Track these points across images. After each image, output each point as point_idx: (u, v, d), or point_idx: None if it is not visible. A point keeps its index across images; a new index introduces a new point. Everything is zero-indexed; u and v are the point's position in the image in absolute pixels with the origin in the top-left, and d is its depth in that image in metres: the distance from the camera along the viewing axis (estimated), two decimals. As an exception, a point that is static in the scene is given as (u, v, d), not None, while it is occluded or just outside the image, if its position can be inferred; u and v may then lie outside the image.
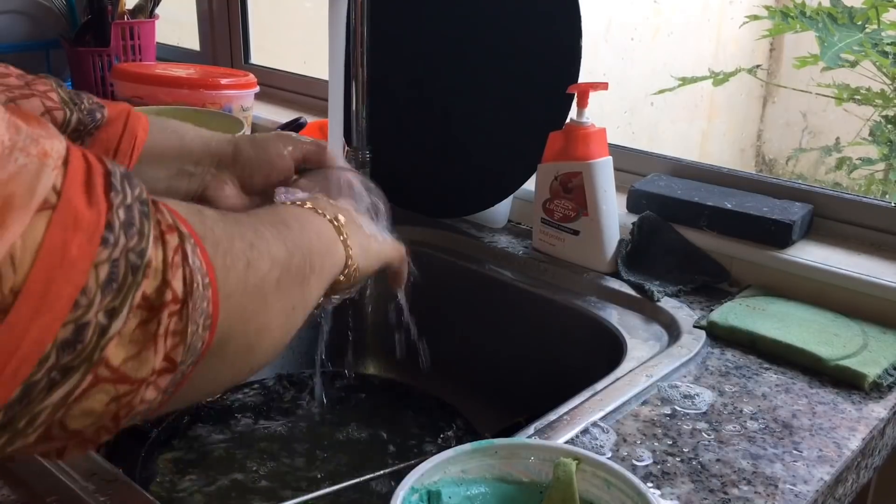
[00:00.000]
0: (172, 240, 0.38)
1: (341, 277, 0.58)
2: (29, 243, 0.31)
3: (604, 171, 0.96)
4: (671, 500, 0.61)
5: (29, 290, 0.31)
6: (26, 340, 0.31)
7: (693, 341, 0.84)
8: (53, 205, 0.32)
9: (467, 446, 0.57)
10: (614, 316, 0.91)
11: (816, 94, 1.61)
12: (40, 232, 0.32)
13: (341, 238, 0.58)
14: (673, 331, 0.87)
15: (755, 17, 1.66)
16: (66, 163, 0.34)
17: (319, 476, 0.86)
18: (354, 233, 0.60)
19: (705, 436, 0.69)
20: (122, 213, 0.35)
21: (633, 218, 1.00)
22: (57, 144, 0.34)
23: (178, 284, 0.37)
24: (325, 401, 0.99)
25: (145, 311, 0.36)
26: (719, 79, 1.70)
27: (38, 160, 0.32)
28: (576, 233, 0.98)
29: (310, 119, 1.34)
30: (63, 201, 0.33)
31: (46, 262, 0.32)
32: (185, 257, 0.38)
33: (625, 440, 0.68)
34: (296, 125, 1.32)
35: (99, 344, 0.34)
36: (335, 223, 0.58)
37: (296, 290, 0.51)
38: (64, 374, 0.33)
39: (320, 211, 0.58)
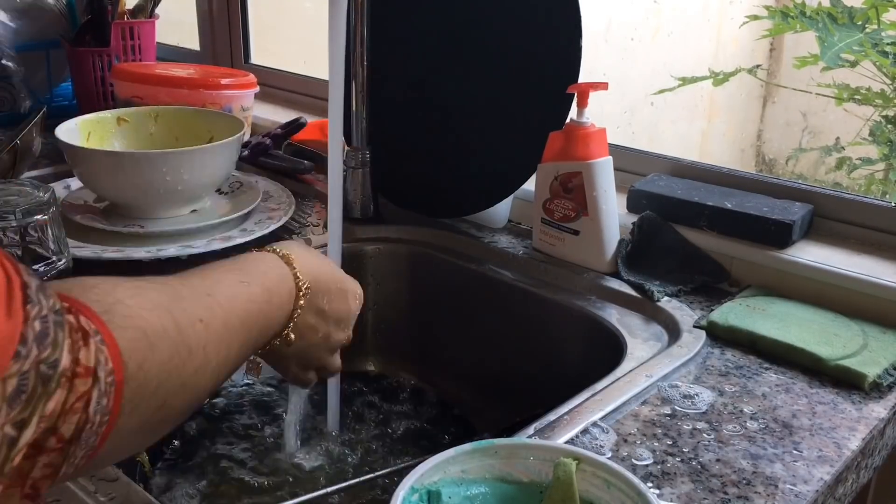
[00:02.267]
0: (82, 385, 0.37)
1: (301, 301, 0.65)
2: None
3: (604, 171, 0.96)
4: (671, 500, 0.61)
5: None
6: None
7: (693, 341, 0.84)
8: None
9: (467, 446, 0.57)
10: (614, 316, 0.91)
11: (816, 94, 1.61)
12: None
13: (288, 265, 0.65)
14: (673, 331, 0.87)
15: (755, 17, 1.66)
16: None
17: (319, 476, 0.86)
18: (301, 258, 0.66)
19: (705, 436, 0.69)
20: (37, 324, 0.35)
21: (633, 218, 1.00)
22: None
23: (67, 429, 0.37)
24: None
25: (31, 450, 0.35)
26: (719, 79, 1.70)
27: None
28: (576, 233, 0.98)
29: (310, 119, 1.34)
30: None
31: None
32: (87, 403, 0.37)
33: (625, 440, 0.68)
34: (296, 125, 1.32)
35: (9, 456, 0.34)
36: (279, 253, 0.65)
37: (242, 336, 0.56)
38: None
39: (269, 249, 0.66)
